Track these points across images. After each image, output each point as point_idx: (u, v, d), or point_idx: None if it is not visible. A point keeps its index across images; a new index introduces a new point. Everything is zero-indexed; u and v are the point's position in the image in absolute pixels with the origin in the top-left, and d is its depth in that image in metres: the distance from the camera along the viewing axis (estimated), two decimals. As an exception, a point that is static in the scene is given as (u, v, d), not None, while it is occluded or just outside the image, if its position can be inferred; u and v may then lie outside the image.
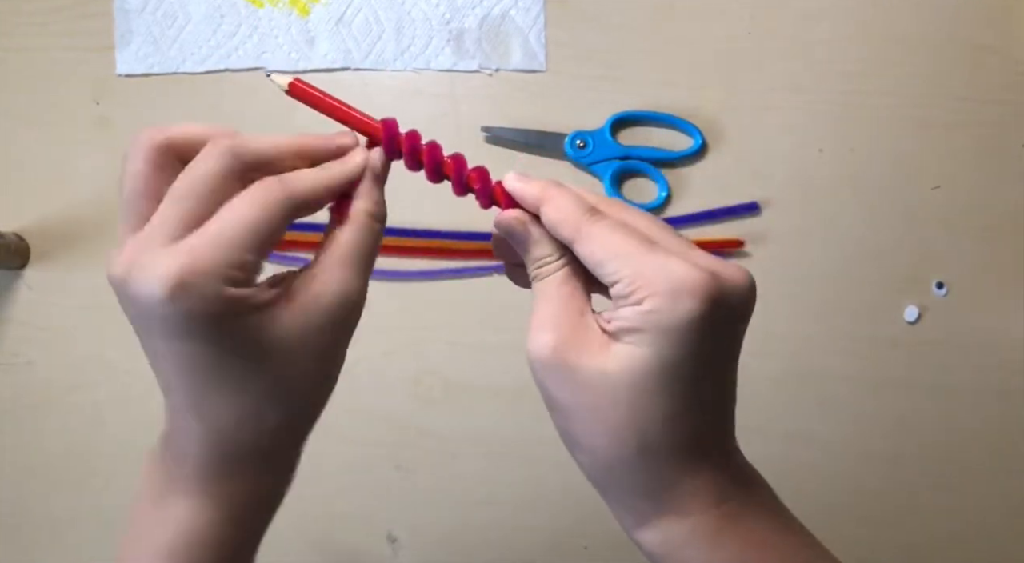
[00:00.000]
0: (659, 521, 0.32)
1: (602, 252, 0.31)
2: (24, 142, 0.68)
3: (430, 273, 0.66)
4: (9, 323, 0.67)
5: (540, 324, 0.32)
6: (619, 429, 0.30)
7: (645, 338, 0.29)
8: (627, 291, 0.30)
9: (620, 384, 0.30)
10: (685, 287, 0.29)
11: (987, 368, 0.64)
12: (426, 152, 0.34)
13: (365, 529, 0.65)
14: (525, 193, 0.33)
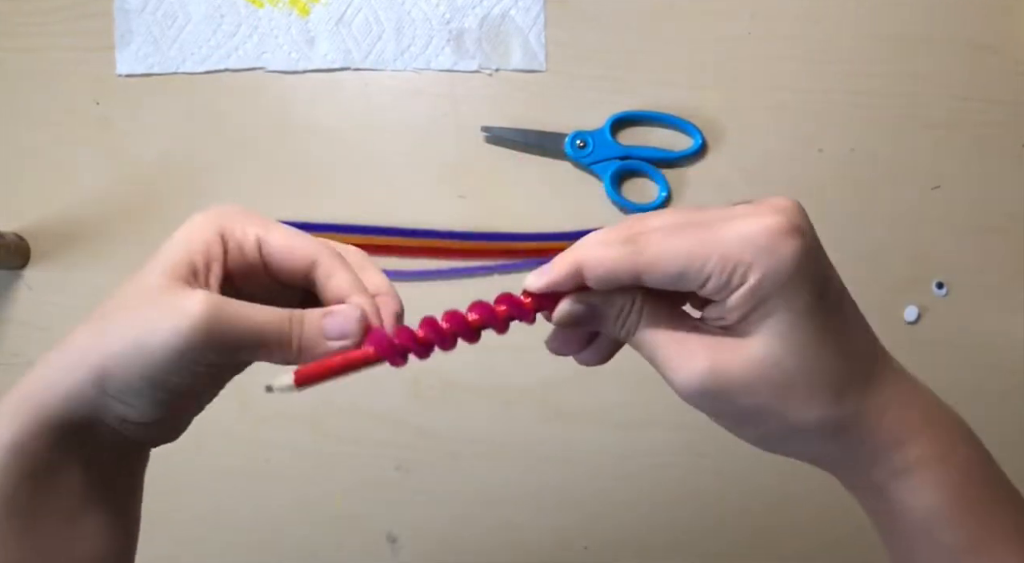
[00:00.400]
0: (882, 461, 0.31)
1: (673, 266, 0.29)
2: (24, 142, 0.68)
3: (430, 273, 0.66)
4: (9, 323, 0.67)
5: (672, 368, 0.31)
6: (805, 388, 0.30)
7: (775, 305, 0.29)
8: (724, 279, 0.29)
9: (784, 355, 0.29)
10: (771, 238, 0.29)
11: (987, 368, 0.64)
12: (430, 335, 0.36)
13: (365, 529, 0.65)
14: (557, 279, 0.31)
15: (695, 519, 0.64)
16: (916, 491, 0.31)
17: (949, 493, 0.31)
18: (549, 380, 0.65)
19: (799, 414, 0.30)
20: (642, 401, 0.65)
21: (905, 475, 0.31)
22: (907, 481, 0.31)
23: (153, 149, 0.67)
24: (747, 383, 0.30)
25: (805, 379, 0.30)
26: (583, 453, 0.65)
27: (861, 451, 0.31)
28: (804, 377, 0.30)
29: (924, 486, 0.31)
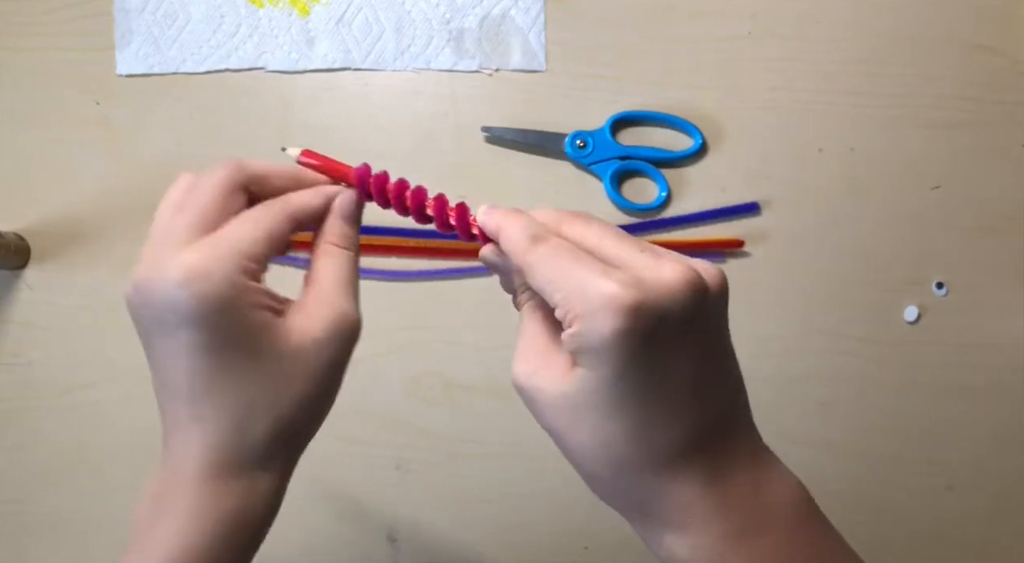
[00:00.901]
0: (662, 537, 0.31)
1: (542, 280, 0.31)
2: (25, 142, 0.68)
3: (430, 273, 0.66)
4: (9, 323, 0.67)
5: (517, 354, 0.34)
6: (589, 447, 0.31)
7: (585, 359, 0.30)
8: (561, 315, 0.30)
9: (577, 404, 0.30)
10: (600, 305, 0.28)
11: (987, 368, 0.64)
12: (393, 192, 0.37)
13: (365, 529, 0.65)
14: (487, 228, 0.34)
15: (695, 519, 0.64)
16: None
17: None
18: (549, 380, 0.65)
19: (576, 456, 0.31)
20: (642, 401, 0.65)
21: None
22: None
23: (153, 149, 0.67)
24: (549, 403, 0.31)
25: (592, 438, 0.30)
26: (583, 453, 0.65)
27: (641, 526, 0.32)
28: (592, 435, 0.30)
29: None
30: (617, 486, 0.31)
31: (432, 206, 0.37)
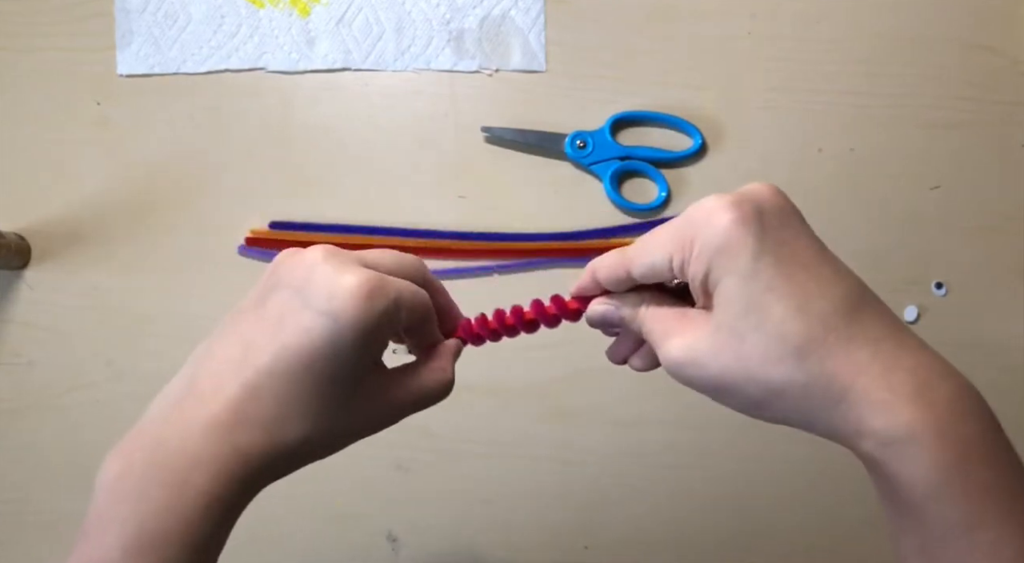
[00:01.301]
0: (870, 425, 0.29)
1: (647, 256, 0.34)
2: (24, 142, 0.68)
3: (430, 273, 0.66)
4: (9, 323, 0.67)
5: (660, 346, 0.34)
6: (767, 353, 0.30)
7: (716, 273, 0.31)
8: (681, 254, 0.32)
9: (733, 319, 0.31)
10: (707, 214, 0.31)
11: (987, 368, 0.64)
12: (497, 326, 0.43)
13: (365, 529, 0.65)
14: (582, 284, 0.37)
15: (695, 518, 0.64)
16: (907, 464, 0.29)
17: (944, 470, 0.29)
18: (549, 380, 0.65)
19: (764, 378, 0.31)
20: (642, 400, 0.65)
21: (897, 445, 0.29)
22: (898, 452, 0.29)
23: (153, 149, 0.67)
24: (713, 352, 0.32)
25: (761, 341, 0.30)
26: (583, 453, 0.65)
27: (840, 416, 0.30)
28: (759, 339, 0.30)
29: (916, 460, 0.29)
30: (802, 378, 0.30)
31: (531, 315, 0.41)
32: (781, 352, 0.30)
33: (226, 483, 0.32)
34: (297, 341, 0.32)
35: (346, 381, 0.34)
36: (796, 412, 0.31)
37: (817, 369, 0.30)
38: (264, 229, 0.67)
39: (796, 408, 0.31)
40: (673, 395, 0.65)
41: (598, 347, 0.66)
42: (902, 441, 0.29)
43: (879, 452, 0.29)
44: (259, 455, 0.33)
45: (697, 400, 0.68)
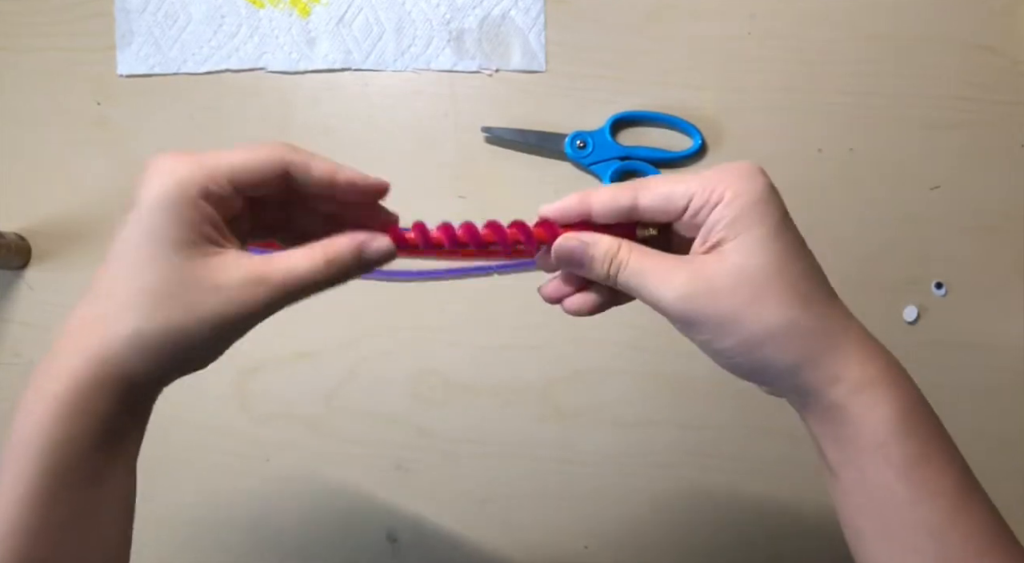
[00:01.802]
0: (850, 370, 0.35)
1: (666, 186, 0.36)
2: (24, 142, 0.68)
3: (430, 273, 0.66)
4: (9, 323, 0.67)
5: (660, 282, 0.35)
6: (780, 296, 0.34)
7: (749, 220, 0.34)
8: (705, 196, 0.35)
9: (759, 264, 0.34)
10: (749, 170, 0.35)
11: (987, 368, 0.64)
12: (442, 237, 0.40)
13: (365, 529, 0.65)
14: (569, 206, 0.37)
15: (695, 518, 0.64)
16: (873, 406, 0.34)
17: (901, 409, 0.34)
18: (549, 380, 0.65)
19: (772, 314, 0.34)
20: (642, 401, 0.65)
21: (867, 389, 0.34)
22: (866, 395, 0.34)
23: (153, 149, 0.66)
24: (726, 286, 0.34)
25: (778, 283, 0.34)
26: (583, 453, 0.65)
27: (830, 358, 0.34)
28: (777, 281, 0.34)
29: (881, 401, 0.34)
30: (806, 323, 0.34)
31: (487, 234, 0.39)
32: (793, 298, 0.34)
33: (68, 382, 0.33)
34: (117, 237, 0.34)
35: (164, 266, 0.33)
36: (787, 353, 0.34)
37: (819, 313, 0.35)
38: (264, 229, 0.67)
39: (789, 349, 0.34)
40: (673, 395, 0.65)
41: (598, 347, 0.66)
42: (874, 386, 0.34)
43: (848, 398, 0.34)
44: (97, 351, 0.33)
45: (697, 400, 0.68)
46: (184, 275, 0.33)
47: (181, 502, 0.65)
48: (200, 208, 0.33)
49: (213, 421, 0.66)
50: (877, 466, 0.34)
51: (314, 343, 0.66)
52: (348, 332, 0.66)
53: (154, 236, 0.33)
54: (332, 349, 0.66)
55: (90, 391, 0.33)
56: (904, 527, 0.34)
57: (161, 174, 0.34)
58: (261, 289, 0.34)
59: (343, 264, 0.37)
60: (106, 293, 0.34)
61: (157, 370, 0.34)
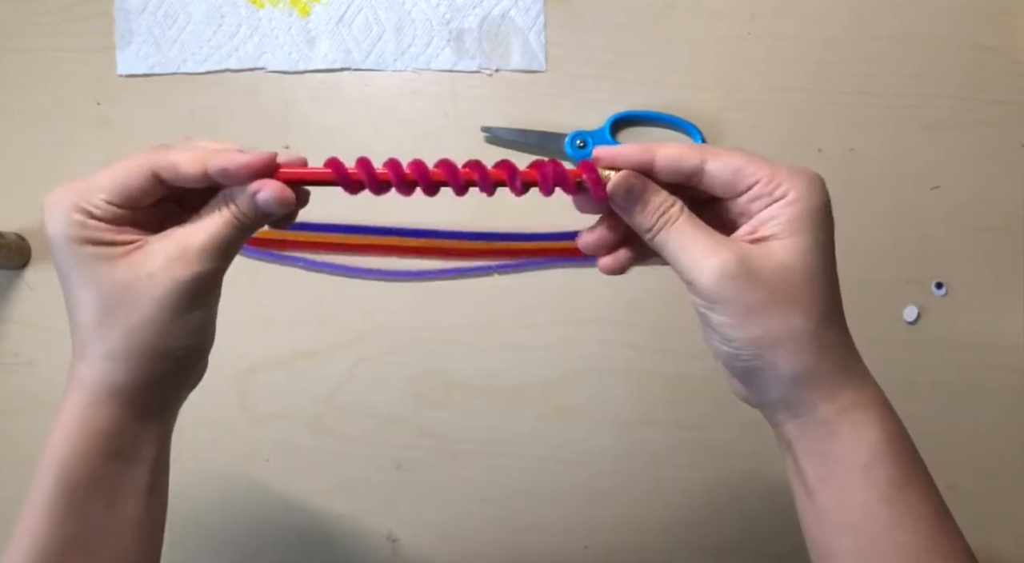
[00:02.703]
0: (847, 391, 0.35)
1: (735, 161, 0.36)
2: (24, 142, 0.68)
3: (430, 273, 0.66)
4: (9, 323, 0.67)
5: (704, 252, 0.35)
6: (811, 306, 0.35)
7: (802, 225, 0.35)
8: (769, 188, 0.35)
9: (802, 269, 0.35)
10: (816, 179, 0.36)
11: (987, 368, 0.64)
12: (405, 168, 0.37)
13: (365, 529, 0.65)
14: (629, 154, 0.36)
15: (695, 519, 0.64)
16: (863, 427, 0.35)
17: (888, 432, 0.35)
18: (549, 380, 0.65)
19: (798, 318, 0.34)
20: (642, 401, 0.65)
21: (860, 410, 0.35)
22: (858, 416, 0.35)
23: (153, 149, 0.67)
24: (766, 278, 0.34)
25: (813, 293, 0.35)
26: (583, 453, 0.65)
27: (831, 378, 0.35)
28: (813, 290, 0.35)
29: (871, 423, 0.35)
30: (825, 339, 0.35)
31: (413, 167, 0.37)
32: (822, 311, 0.35)
33: (73, 404, 0.36)
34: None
35: (94, 284, 0.35)
36: (796, 361, 0.35)
37: (836, 336, 0.36)
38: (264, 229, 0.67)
39: (800, 357, 0.35)
40: (673, 395, 0.65)
41: (598, 347, 0.66)
42: (866, 408, 0.35)
43: (839, 416, 0.35)
44: (86, 377, 0.36)
45: (697, 400, 0.68)
46: (115, 281, 0.35)
47: (181, 502, 0.65)
48: (91, 227, 0.35)
49: (213, 421, 0.66)
50: (861, 487, 0.34)
51: (314, 343, 0.66)
52: (348, 332, 0.66)
53: (70, 265, 0.35)
54: (332, 349, 0.66)
55: (91, 410, 0.36)
56: (881, 549, 0.34)
57: (47, 213, 0.36)
58: (188, 258, 0.36)
59: (245, 214, 0.37)
60: (74, 324, 0.36)
61: (144, 375, 0.36)
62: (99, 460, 0.36)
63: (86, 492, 0.36)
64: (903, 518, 0.34)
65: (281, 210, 0.37)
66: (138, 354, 0.36)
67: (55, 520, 0.36)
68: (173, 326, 0.36)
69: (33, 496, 0.36)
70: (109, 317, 0.35)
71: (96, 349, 0.36)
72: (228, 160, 0.36)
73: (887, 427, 0.35)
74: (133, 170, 0.36)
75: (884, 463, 0.34)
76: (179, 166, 0.36)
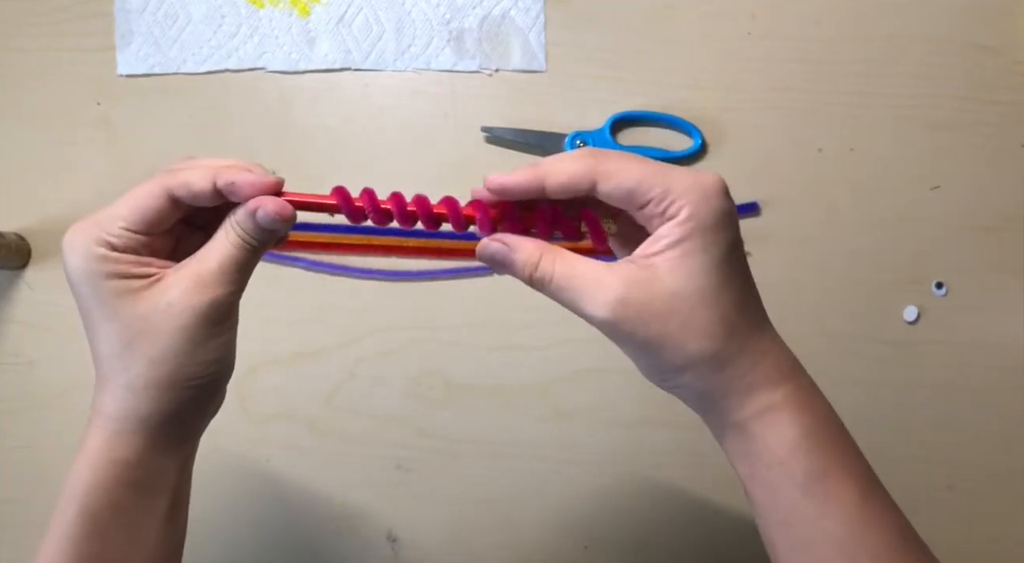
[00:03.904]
0: (755, 397, 0.35)
1: (628, 180, 0.34)
2: (24, 142, 0.68)
3: (430, 273, 0.66)
4: (9, 323, 0.67)
5: (588, 297, 0.35)
6: (707, 328, 0.34)
7: (694, 245, 0.34)
8: (661, 207, 0.34)
9: (693, 292, 0.34)
10: (710, 189, 0.34)
11: (987, 368, 0.64)
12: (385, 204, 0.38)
13: (365, 529, 0.65)
14: (521, 183, 0.36)
15: (695, 519, 0.64)
16: (776, 426, 0.35)
17: (803, 430, 0.35)
18: (549, 380, 0.65)
19: (695, 345, 0.34)
20: (642, 400, 0.65)
21: (770, 413, 0.35)
22: (770, 417, 0.35)
23: (153, 149, 0.67)
24: (657, 312, 0.34)
25: (708, 313, 0.34)
26: (583, 453, 0.65)
27: (737, 387, 0.35)
28: (707, 311, 0.34)
29: (783, 422, 0.35)
30: (725, 356, 0.35)
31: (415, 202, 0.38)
32: (719, 330, 0.34)
33: (97, 435, 0.37)
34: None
35: (116, 318, 0.36)
36: (701, 381, 0.35)
37: (737, 348, 0.35)
38: (264, 229, 0.67)
39: (704, 378, 0.35)
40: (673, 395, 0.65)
41: (598, 347, 0.66)
42: (777, 410, 0.35)
43: (750, 420, 0.36)
44: (110, 410, 0.37)
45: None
46: (137, 314, 0.36)
47: (181, 502, 0.65)
48: (112, 259, 0.36)
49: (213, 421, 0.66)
50: (781, 482, 0.35)
51: (314, 343, 0.66)
52: (348, 332, 0.66)
53: (93, 301, 0.36)
54: (332, 349, 0.66)
55: (114, 441, 0.37)
56: (812, 540, 0.35)
57: (67, 251, 0.36)
58: (203, 285, 0.36)
59: (249, 234, 0.37)
60: (97, 356, 0.37)
61: (166, 406, 0.37)
62: (121, 490, 0.37)
63: (107, 522, 0.37)
64: (827, 508, 0.35)
65: (282, 227, 0.37)
66: (160, 385, 0.36)
67: (77, 549, 0.36)
68: (194, 355, 0.36)
69: (55, 525, 0.37)
70: (131, 349, 0.36)
71: (118, 380, 0.36)
72: (236, 175, 0.36)
73: (803, 423, 0.35)
74: (149, 194, 0.36)
75: (800, 457, 0.35)
76: (191, 183, 0.36)
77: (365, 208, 0.38)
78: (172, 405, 0.37)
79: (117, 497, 0.37)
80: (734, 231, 0.35)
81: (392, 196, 0.38)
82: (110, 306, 0.36)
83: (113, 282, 0.36)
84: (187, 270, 0.37)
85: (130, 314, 0.36)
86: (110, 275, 0.36)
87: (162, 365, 0.36)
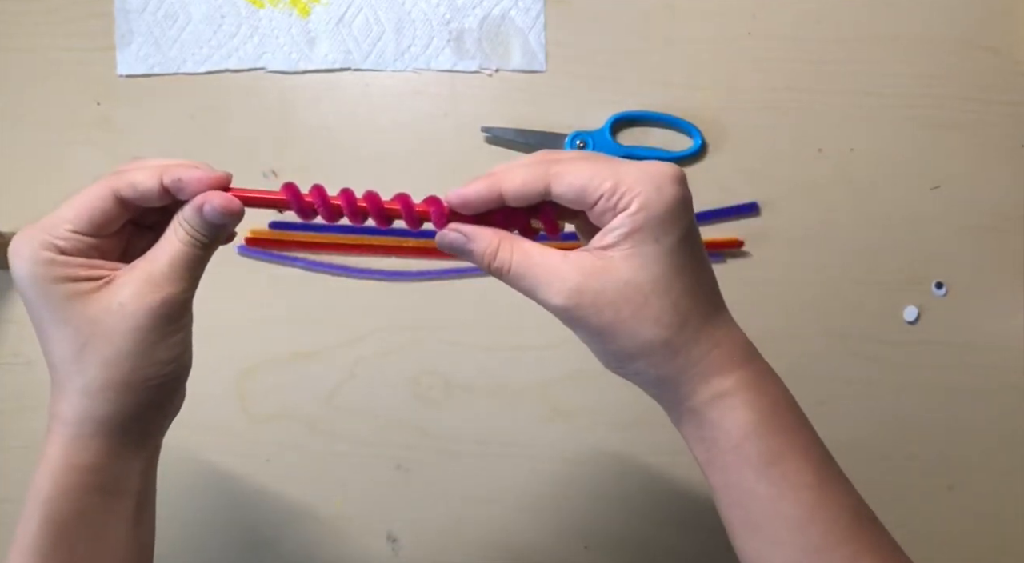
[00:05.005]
0: (710, 383, 0.36)
1: (578, 179, 0.35)
2: (24, 142, 0.68)
3: (430, 273, 0.66)
4: (9, 323, 0.67)
5: (545, 285, 0.35)
6: (658, 316, 0.35)
7: (645, 235, 0.34)
8: (613, 201, 0.34)
9: (645, 281, 0.35)
10: (661, 179, 0.35)
11: (987, 368, 0.64)
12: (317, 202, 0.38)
13: (365, 529, 0.65)
14: (480, 190, 0.36)
15: (695, 519, 0.64)
16: (730, 411, 0.36)
17: (757, 414, 0.36)
18: (549, 380, 0.65)
19: (648, 332, 0.35)
20: (642, 401, 0.65)
21: (724, 398, 0.36)
22: (725, 402, 0.36)
23: (153, 149, 0.67)
24: (610, 300, 0.35)
25: (660, 301, 0.35)
26: (583, 453, 0.65)
27: (691, 374, 0.36)
28: (659, 299, 0.35)
29: (737, 406, 0.36)
30: (678, 343, 0.35)
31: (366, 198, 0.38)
32: (672, 317, 0.35)
33: (55, 443, 0.37)
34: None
35: (69, 321, 0.36)
36: (654, 368, 0.36)
37: (690, 336, 0.36)
38: (264, 229, 0.67)
39: (657, 365, 0.36)
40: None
41: (598, 347, 0.66)
42: (731, 395, 0.36)
43: (709, 403, 0.36)
44: (66, 414, 0.37)
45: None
46: (88, 317, 0.36)
47: (181, 502, 0.65)
48: (60, 263, 0.36)
49: (213, 421, 0.66)
50: (736, 465, 0.36)
51: (314, 343, 0.66)
52: (348, 332, 0.66)
53: (43, 306, 0.36)
54: (332, 349, 0.66)
55: (73, 446, 0.37)
56: (767, 521, 0.36)
57: (13, 257, 0.36)
58: (154, 284, 0.36)
59: (198, 230, 0.37)
60: (51, 362, 0.37)
61: (124, 407, 0.37)
62: (84, 495, 0.37)
63: (73, 528, 0.37)
64: (782, 490, 0.35)
65: (230, 221, 0.37)
66: (116, 387, 0.36)
67: (44, 559, 0.36)
68: (149, 356, 0.36)
69: (20, 535, 0.37)
70: (85, 352, 0.36)
71: (74, 385, 0.36)
72: (182, 171, 0.36)
73: (758, 407, 0.36)
74: (95, 195, 0.36)
75: (754, 441, 0.36)
76: (137, 182, 0.36)
77: (314, 204, 0.38)
78: (130, 407, 0.37)
79: (81, 503, 0.37)
80: (688, 219, 0.35)
81: (342, 192, 0.38)
82: (61, 310, 0.36)
83: (62, 286, 0.36)
84: (138, 270, 0.36)
85: (81, 317, 0.36)
86: (59, 279, 0.36)
87: (117, 367, 0.36)
